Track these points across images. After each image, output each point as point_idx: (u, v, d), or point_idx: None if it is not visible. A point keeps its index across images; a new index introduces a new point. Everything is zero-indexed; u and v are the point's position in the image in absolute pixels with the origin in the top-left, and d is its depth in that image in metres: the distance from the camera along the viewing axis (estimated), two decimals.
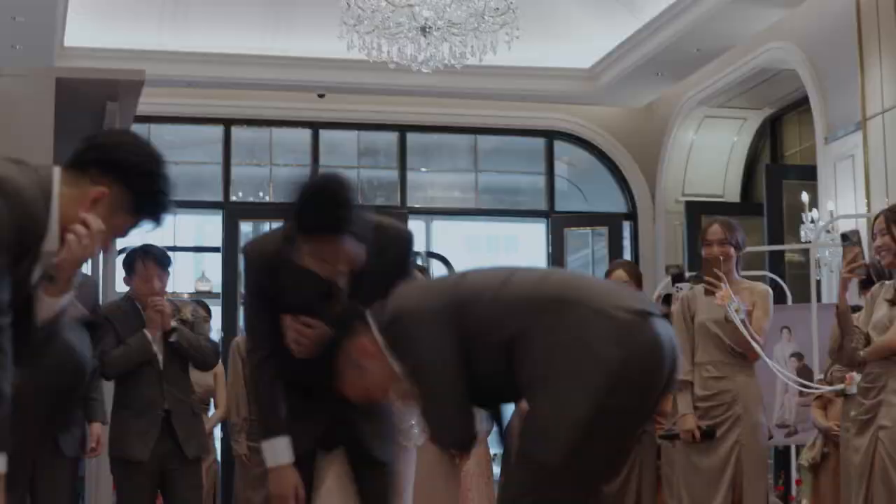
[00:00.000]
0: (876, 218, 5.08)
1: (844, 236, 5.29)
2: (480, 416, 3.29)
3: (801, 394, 7.37)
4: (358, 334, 3.22)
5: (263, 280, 3.60)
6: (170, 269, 5.73)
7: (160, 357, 5.59)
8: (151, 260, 5.62)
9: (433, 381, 3.12)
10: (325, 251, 3.36)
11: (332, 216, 3.31)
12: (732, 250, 5.59)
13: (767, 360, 5.57)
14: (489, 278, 3.23)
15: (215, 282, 11.75)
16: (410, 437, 5.16)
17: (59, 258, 2.66)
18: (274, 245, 3.55)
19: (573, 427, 2.93)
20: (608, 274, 6.40)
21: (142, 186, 2.69)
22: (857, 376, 5.28)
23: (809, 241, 9.06)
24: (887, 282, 5.04)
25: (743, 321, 5.41)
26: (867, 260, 5.85)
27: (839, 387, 5.78)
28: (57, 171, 2.66)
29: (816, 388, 6.10)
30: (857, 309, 5.65)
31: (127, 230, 2.77)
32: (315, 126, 12.20)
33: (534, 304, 3.07)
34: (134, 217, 2.73)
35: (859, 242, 5.22)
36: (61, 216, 2.63)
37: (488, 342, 3.09)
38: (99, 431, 5.60)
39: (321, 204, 3.32)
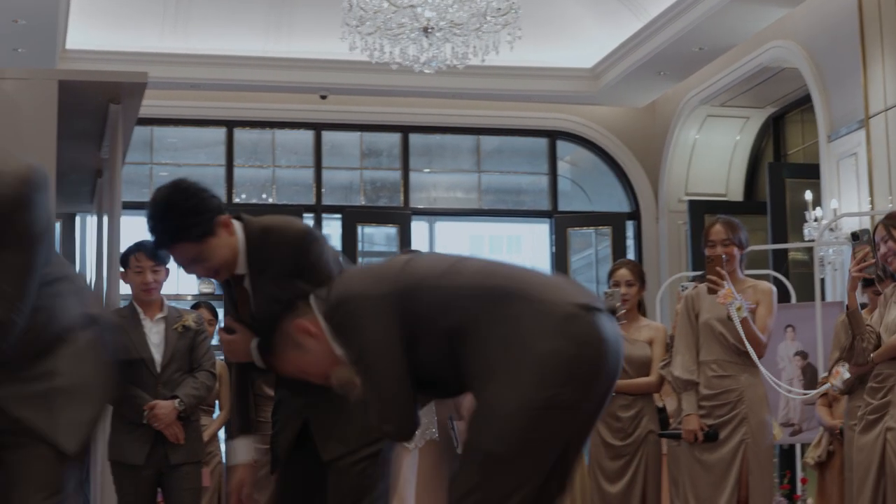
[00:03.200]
0: (875, 228, 5.08)
1: (855, 235, 5.26)
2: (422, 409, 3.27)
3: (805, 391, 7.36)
4: (299, 314, 3.18)
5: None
6: (166, 266, 5.68)
7: (157, 360, 5.56)
8: (143, 253, 5.59)
9: (377, 368, 3.06)
10: (178, 261, 3.64)
11: (159, 229, 3.53)
12: (735, 249, 5.57)
13: (760, 366, 5.53)
14: (435, 264, 3.19)
15: (218, 283, 11.75)
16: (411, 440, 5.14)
17: None
18: None
19: (515, 417, 2.91)
20: (611, 273, 6.40)
21: None
22: (843, 370, 5.26)
23: (813, 240, 9.05)
24: None
25: (745, 319, 5.39)
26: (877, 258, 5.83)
27: (825, 386, 5.76)
28: None
29: (801, 393, 6.07)
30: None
31: None
32: (318, 127, 12.20)
33: (478, 292, 3.04)
34: None
35: (869, 241, 5.17)
36: None
37: (433, 329, 3.05)
38: None
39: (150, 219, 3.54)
